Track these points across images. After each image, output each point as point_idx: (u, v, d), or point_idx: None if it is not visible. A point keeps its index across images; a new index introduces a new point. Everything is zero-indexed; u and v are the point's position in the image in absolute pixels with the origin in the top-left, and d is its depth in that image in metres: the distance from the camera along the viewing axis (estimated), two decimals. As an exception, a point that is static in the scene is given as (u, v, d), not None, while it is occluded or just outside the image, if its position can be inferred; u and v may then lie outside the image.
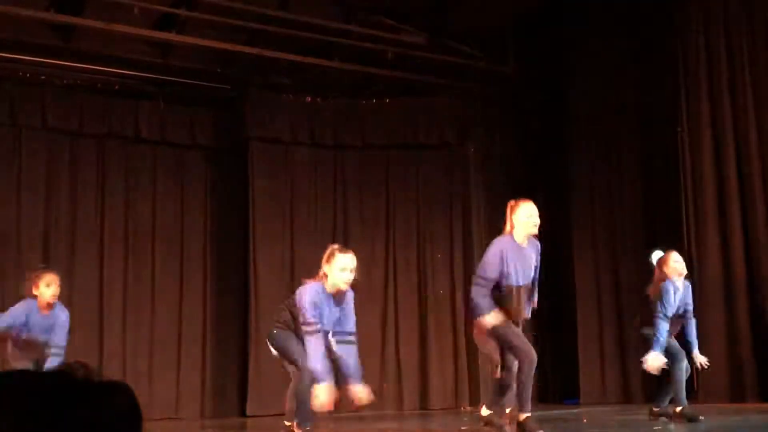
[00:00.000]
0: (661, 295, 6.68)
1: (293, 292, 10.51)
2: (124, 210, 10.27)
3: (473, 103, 11.21)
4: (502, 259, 5.81)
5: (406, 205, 11.12)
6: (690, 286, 6.96)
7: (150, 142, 10.45)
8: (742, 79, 9.28)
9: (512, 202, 5.98)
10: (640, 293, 10.20)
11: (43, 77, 9.84)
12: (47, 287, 6.31)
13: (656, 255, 7.00)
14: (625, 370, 10.25)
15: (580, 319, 10.49)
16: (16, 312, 6.35)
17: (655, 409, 7.01)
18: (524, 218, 5.85)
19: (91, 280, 9.94)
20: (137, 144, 10.39)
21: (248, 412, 10.08)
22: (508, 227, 5.94)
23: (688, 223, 9.54)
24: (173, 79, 10.39)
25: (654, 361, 6.48)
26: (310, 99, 10.93)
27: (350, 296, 5.77)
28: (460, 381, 10.80)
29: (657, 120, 10.18)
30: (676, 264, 6.83)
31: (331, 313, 5.63)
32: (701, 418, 6.71)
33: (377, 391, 10.59)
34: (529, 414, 5.90)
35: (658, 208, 10.25)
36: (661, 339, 6.51)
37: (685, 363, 6.78)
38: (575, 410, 9.44)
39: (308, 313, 5.46)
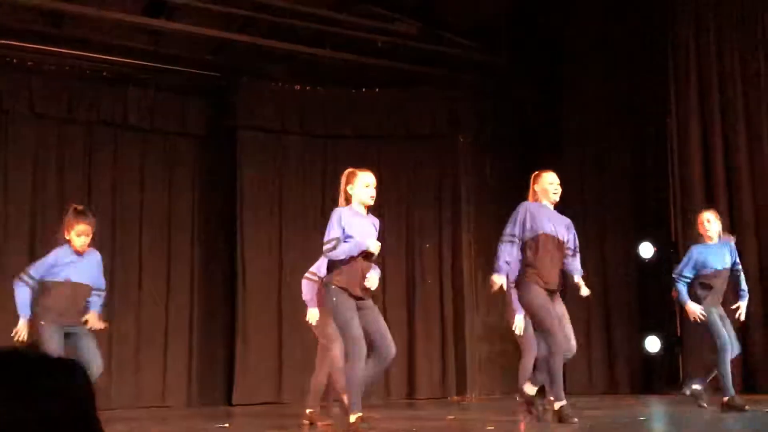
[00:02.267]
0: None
1: (280, 281, 10.63)
2: (112, 197, 10.21)
3: (465, 94, 11.19)
4: (531, 214, 6.02)
5: (397, 196, 11.10)
6: (729, 244, 7.00)
7: (139, 129, 10.40)
8: (731, 71, 9.33)
9: (535, 173, 6.31)
10: (629, 286, 10.31)
11: (31, 63, 9.77)
12: (78, 237, 6.15)
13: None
14: (611, 361, 10.30)
15: (568, 311, 10.49)
16: (50, 259, 6.16)
17: (688, 392, 6.95)
18: (546, 185, 6.17)
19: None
20: (126, 131, 10.33)
21: (234, 401, 10.08)
22: (531, 198, 6.22)
23: (675, 214, 9.58)
24: (163, 66, 10.34)
25: (691, 310, 6.82)
26: (300, 88, 10.90)
27: (376, 222, 5.80)
28: (447, 371, 10.82)
29: (647, 111, 10.20)
30: (709, 225, 6.91)
31: (365, 225, 5.62)
32: (747, 407, 6.65)
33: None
34: (563, 402, 5.89)
35: (647, 199, 10.27)
36: (682, 296, 6.87)
37: (728, 353, 6.74)
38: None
39: (329, 231, 5.51)
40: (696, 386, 6.94)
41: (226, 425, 7.25)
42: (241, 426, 7.51)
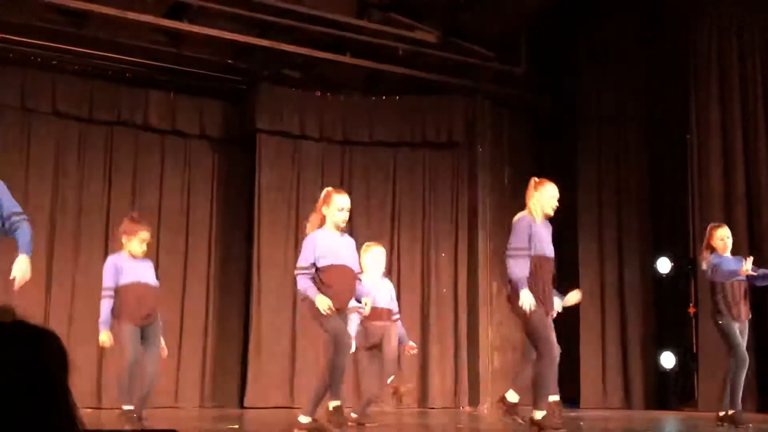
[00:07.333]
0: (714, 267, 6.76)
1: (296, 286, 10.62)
2: (131, 198, 10.28)
3: (483, 103, 11.19)
4: (534, 231, 5.73)
5: (412, 203, 11.09)
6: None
7: (159, 131, 10.49)
8: (753, 87, 9.27)
9: (536, 180, 5.90)
10: (645, 301, 10.22)
11: (54, 62, 9.87)
12: (141, 243, 6.27)
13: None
14: (626, 375, 10.21)
15: (583, 323, 10.43)
16: (109, 266, 6.25)
17: (720, 414, 6.71)
18: (549, 197, 5.82)
19: (96, 266, 9.76)
20: (146, 132, 10.42)
21: (246, 403, 10.09)
22: (529, 200, 5.86)
23: (694, 229, 9.50)
24: (184, 69, 10.41)
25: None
26: (320, 93, 10.94)
27: (351, 242, 5.98)
28: (459, 381, 10.77)
29: (666, 125, 10.16)
30: (721, 241, 6.83)
31: (341, 245, 5.76)
32: (750, 425, 6.59)
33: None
34: (545, 412, 5.71)
35: (665, 213, 10.21)
36: (728, 267, 6.70)
37: (746, 371, 6.67)
38: (574, 414, 9.39)
39: (301, 257, 5.74)
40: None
41: (236, 426, 7.24)
42: (251, 428, 7.51)
